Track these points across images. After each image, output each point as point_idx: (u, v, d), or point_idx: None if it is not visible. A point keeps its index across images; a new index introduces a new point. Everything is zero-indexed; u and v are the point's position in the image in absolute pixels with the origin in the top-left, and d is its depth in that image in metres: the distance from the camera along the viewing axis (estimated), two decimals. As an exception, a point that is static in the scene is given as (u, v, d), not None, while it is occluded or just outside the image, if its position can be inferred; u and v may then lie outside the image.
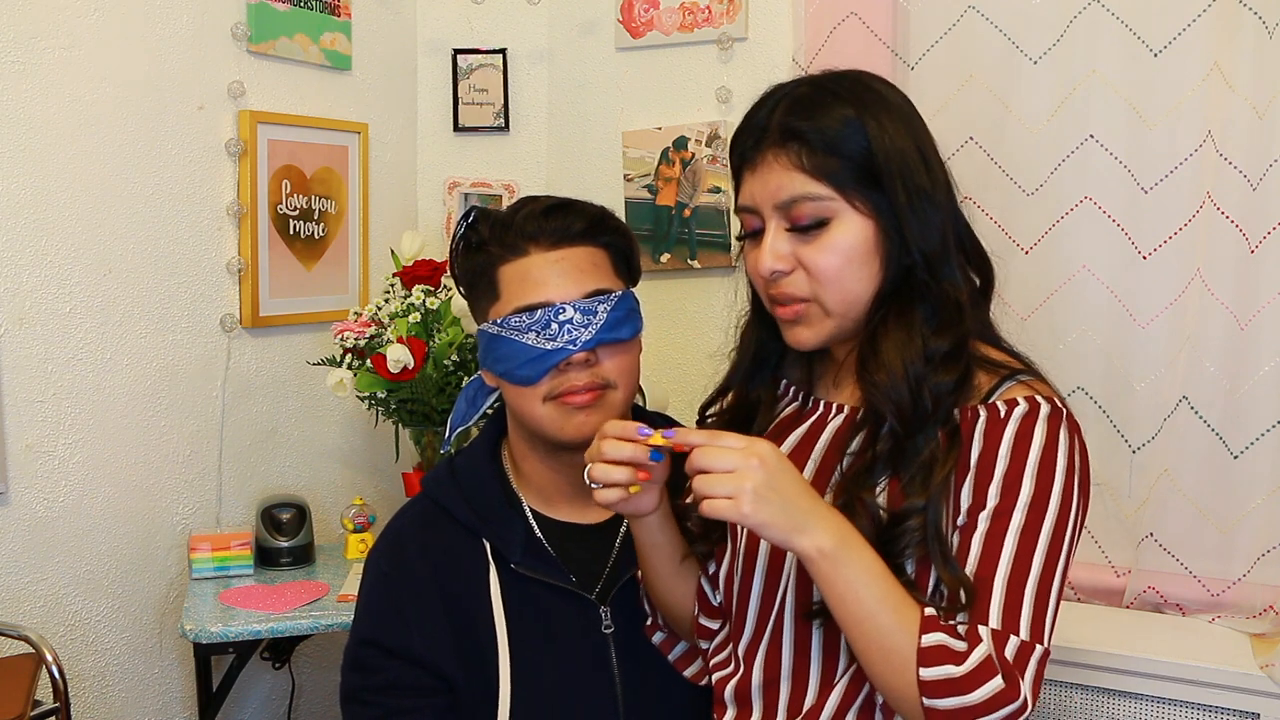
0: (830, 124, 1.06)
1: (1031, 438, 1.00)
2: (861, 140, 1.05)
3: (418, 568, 1.29)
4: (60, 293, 1.93)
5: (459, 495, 1.31)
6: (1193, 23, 1.81)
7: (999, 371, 1.06)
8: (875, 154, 1.05)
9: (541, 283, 1.25)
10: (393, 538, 1.34)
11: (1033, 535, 0.98)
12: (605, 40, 2.42)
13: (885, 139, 1.05)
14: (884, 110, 1.08)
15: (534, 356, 1.23)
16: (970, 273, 1.13)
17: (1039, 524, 0.98)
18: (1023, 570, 0.97)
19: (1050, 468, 1.00)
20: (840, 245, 1.06)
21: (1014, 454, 1.00)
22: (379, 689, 1.26)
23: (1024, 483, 0.99)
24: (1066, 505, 0.99)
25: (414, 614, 1.26)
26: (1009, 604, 0.96)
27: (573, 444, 1.24)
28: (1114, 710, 1.74)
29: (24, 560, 1.91)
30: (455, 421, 1.41)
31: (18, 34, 1.84)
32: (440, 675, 1.25)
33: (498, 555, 1.28)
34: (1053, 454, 1.00)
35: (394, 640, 1.26)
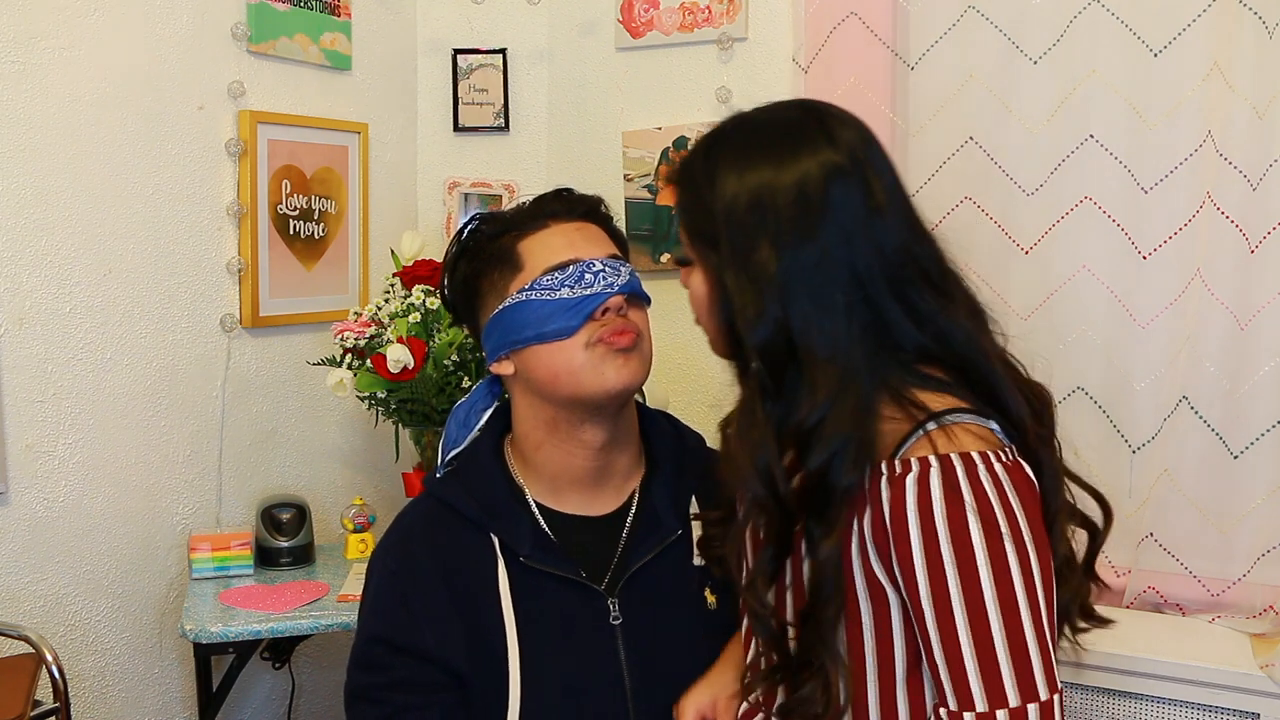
0: (693, 190, 1.05)
1: (932, 508, 0.94)
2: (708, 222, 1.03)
3: (425, 564, 1.29)
4: (60, 293, 1.93)
5: (464, 491, 1.32)
6: (1193, 23, 1.80)
7: (916, 417, 0.98)
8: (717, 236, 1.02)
9: (569, 244, 1.30)
10: (398, 536, 1.34)
11: (979, 610, 0.93)
12: (605, 40, 2.42)
13: (725, 230, 1.02)
14: (741, 189, 1.01)
15: (573, 304, 1.25)
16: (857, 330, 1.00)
17: (979, 597, 0.93)
18: (986, 643, 0.93)
19: (964, 536, 0.93)
20: (691, 289, 1.09)
21: (923, 531, 0.94)
22: (387, 686, 1.26)
23: (945, 562, 0.94)
24: (1001, 563, 0.93)
25: (423, 610, 1.27)
26: (987, 680, 0.93)
27: (610, 393, 1.25)
28: (1114, 710, 1.74)
29: (24, 560, 1.91)
30: (447, 444, 1.39)
31: (18, 34, 1.84)
32: (450, 671, 1.25)
33: (505, 549, 1.28)
34: (960, 520, 0.93)
35: (403, 637, 1.26)
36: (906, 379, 1.01)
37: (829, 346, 0.99)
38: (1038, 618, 0.94)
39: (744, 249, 1.01)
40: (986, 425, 1.00)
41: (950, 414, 0.99)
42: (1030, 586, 0.94)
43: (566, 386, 1.26)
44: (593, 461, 1.31)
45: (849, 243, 1.00)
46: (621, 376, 1.25)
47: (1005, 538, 0.94)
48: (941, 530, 0.94)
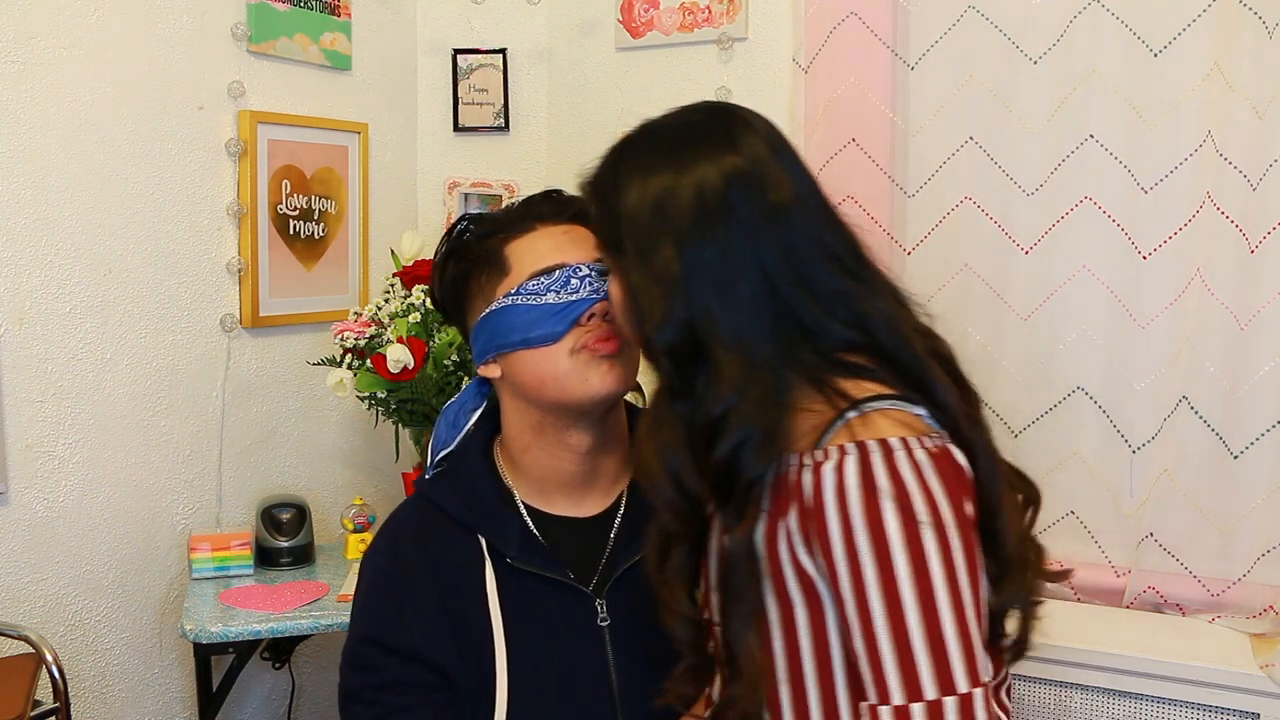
0: (603, 200, 1.09)
1: (847, 497, 0.94)
2: (616, 230, 1.06)
3: (414, 565, 1.29)
4: (60, 293, 1.93)
5: (453, 493, 1.32)
6: (1193, 23, 1.81)
7: (839, 405, 0.98)
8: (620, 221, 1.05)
9: (556, 249, 1.29)
10: (388, 537, 1.34)
11: (895, 600, 0.92)
12: (605, 40, 2.42)
13: (630, 237, 1.04)
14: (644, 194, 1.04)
15: (558, 310, 1.24)
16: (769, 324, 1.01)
17: (895, 588, 0.92)
18: (903, 634, 0.91)
19: (879, 525, 0.92)
20: (611, 296, 1.12)
21: (840, 520, 0.94)
22: (379, 687, 1.26)
23: (861, 552, 0.93)
24: (918, 553, 0.92)
25: (412, 611, 1.27)
26: (905, 672, 0.91)
27: (595, 399, 1.24)
28: (1114, 710, 1.74)
29: (24, 560, 1.91)
30: (436, 446, 1.39)
31: (18, 34, 1.84)
32: (440, 671, 1.25)
33: (493, 551, 1.28)
34: (875, 509, 0.92)
35: (393, 638, 1.26)
36: (830, 369, 1.01)
37: (733, 339, 0.99)
38: (959, 609, 0.92)
39: (647, 252, 1.02)
40: (912, 411, 0.99)
41: (872, 401, 0.98)
42: (951, 577, 0.92)
43: (552, 392, 1.26)
44: (580, 465, 1.31)
45: (753, 240, 1.01)
46: (606, 383, 1.24)
47: (924, 526, 0.92)
48: (857, 519, 0.93)
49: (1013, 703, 1.16)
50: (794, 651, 1.01)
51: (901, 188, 2.06)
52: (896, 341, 1.03)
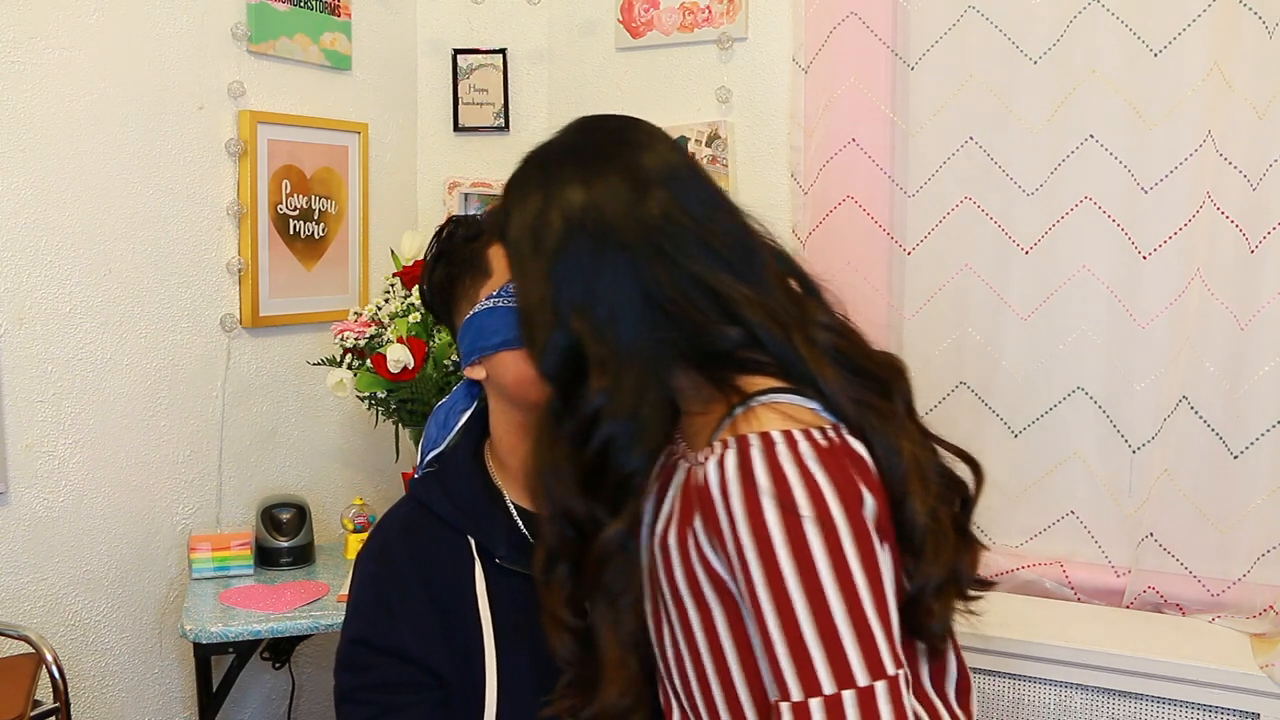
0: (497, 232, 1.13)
1: (728, 491, 0.93)
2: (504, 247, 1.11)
3: (404, 566, 1.30)
4: (60, 293, 1.93)
5: (442, 494, 1.33)
6: (1193, 23, 1.81)
7: (731, 401, 0.99)
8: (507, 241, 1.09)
9: None
10: (380, 539, 1.35)
11: (783, 594, 0.91)
12: (605, 40, 2.42)
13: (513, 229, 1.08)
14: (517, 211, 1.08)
15: None
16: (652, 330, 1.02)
17: (781, 582, 0.91)
18: (794, 629, 0.91)
19: (759, 518, 0.92)
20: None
21: (727, 515, 0.93)
22: (371, 687, 1.27)
23: (745, 547, 0.92)
24: (801, 546, 0.91)
25: (402, 611, 1.27)
26: (800, 668, 0.90)
27: None
28: (1114, 710, 1.74)
29: (24, 560, 1.91)
30: (426, 446, 1.40)
31: (18, 34, 1.84)
32: (431, 671, 1.26)
33: (483, 551, 1.29)
34: (755, 502, 0.92)
35: (384, 638, 1.27)
36: (730, 366, 1.01)
37: (605, 349, 1.01)
38: (852, 601, 0.91)
39: (522, 277, 1.07)
40: (803, 404, 0.98)
41: (762, 394, 0.98)
42: (841, 569, 0.91)
43: (533, 392, 1.25)
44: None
45: (625, 254, 1.02)
46: None
47: (807, 520, 0.91)
48: (739, 515, 0.93)
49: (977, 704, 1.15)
50: (719, 654, 1.01)
51: (901, 188, 2.06)
52: (774, 338, 1.02)
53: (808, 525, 0.91)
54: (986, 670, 1.79)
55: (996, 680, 1.79)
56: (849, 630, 0.90)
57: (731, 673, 1.01)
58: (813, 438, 0.95)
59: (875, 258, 2.07)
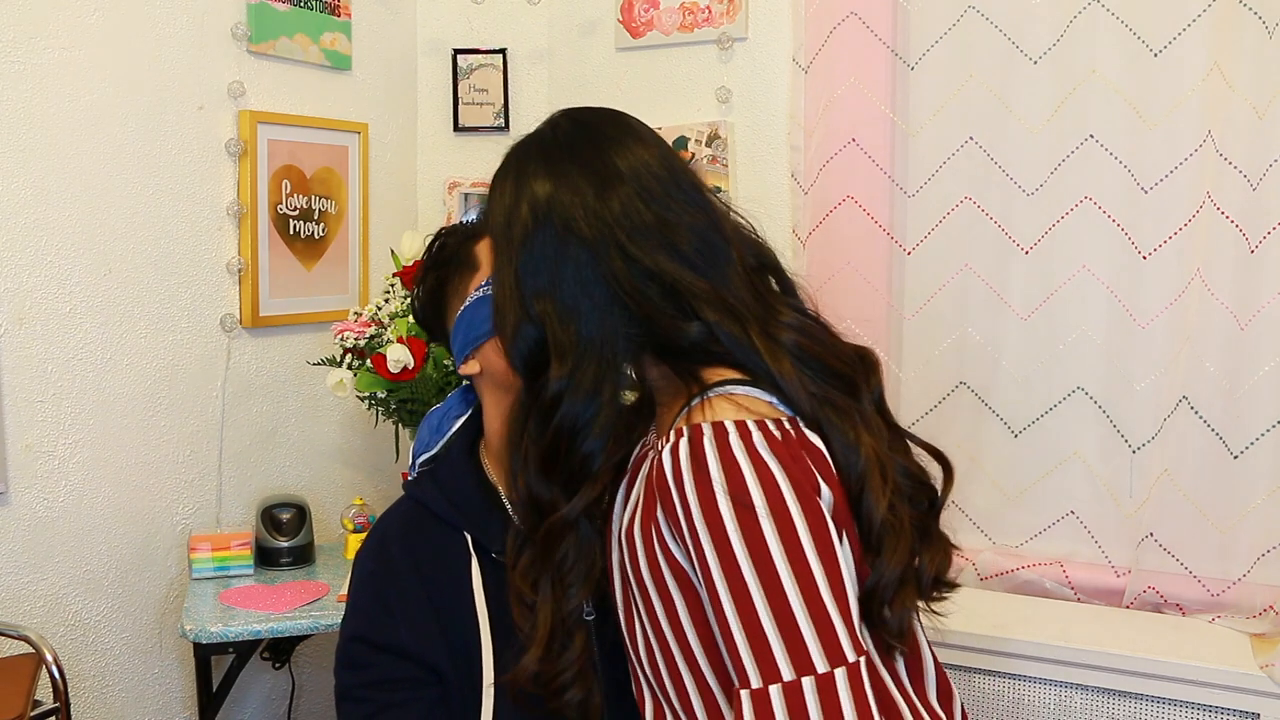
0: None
1: (682, 479, 0.95)
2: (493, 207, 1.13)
3: (402, 564, 1.30)
4: (60, 293, 1.93)
5: (438, 491, 1.34)
6: (1193, 23, 1.81)
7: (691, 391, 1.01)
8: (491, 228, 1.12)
9: None
10: (377, 537, 1.36)
11: (739, 582, 0.91)
12: (605, 40, 2.42)
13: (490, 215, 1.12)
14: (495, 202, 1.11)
15: None
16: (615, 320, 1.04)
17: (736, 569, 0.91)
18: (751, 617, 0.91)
19: (711, 505, 0.93)
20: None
21: (680, 503, 0.95)
22: (370, 684, 1.28)
23: (700, 535, 0.93)
24: (754, 534, 0.91)
25: (400, 608, 1.28)
26: (759, 655, 0.91)
27: None
28: (1114, 710, 1.74)
29: (24, 560, 1.91)
30: (418, 450, 1.41)
31: (18, 34, 1.84)
32: (429, 667, 1.27)
33: (479, 547, 1.30)
34: (707, 488, 0.93)
35: (382, 635, 1.28)
36: (694, 358, 1.03)
37: (569, 339, 1.03)
38: (809, 588, 0.91)
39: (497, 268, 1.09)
40: (761, 396, 1.00)
41: (720, 385, 0.99)
42: (797, 556, 0.91)
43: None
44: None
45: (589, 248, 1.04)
46: None
47: (758, 507, 0.92)
48: (692, 502, 0.94)
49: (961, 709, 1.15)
50: (685, 643, 1.02)
51: (901, 188, 2.06)
52: (729, 334, 1.03)
53: (761, 514, 0.92)
54: (986, 670, 1.79)
55: (996, 680, 1.79)
56: (805, 617, 0.90)
57: (699, 661, 1.02)
58: (766, 428, 0.96)
59: (875, 258, 2.07)
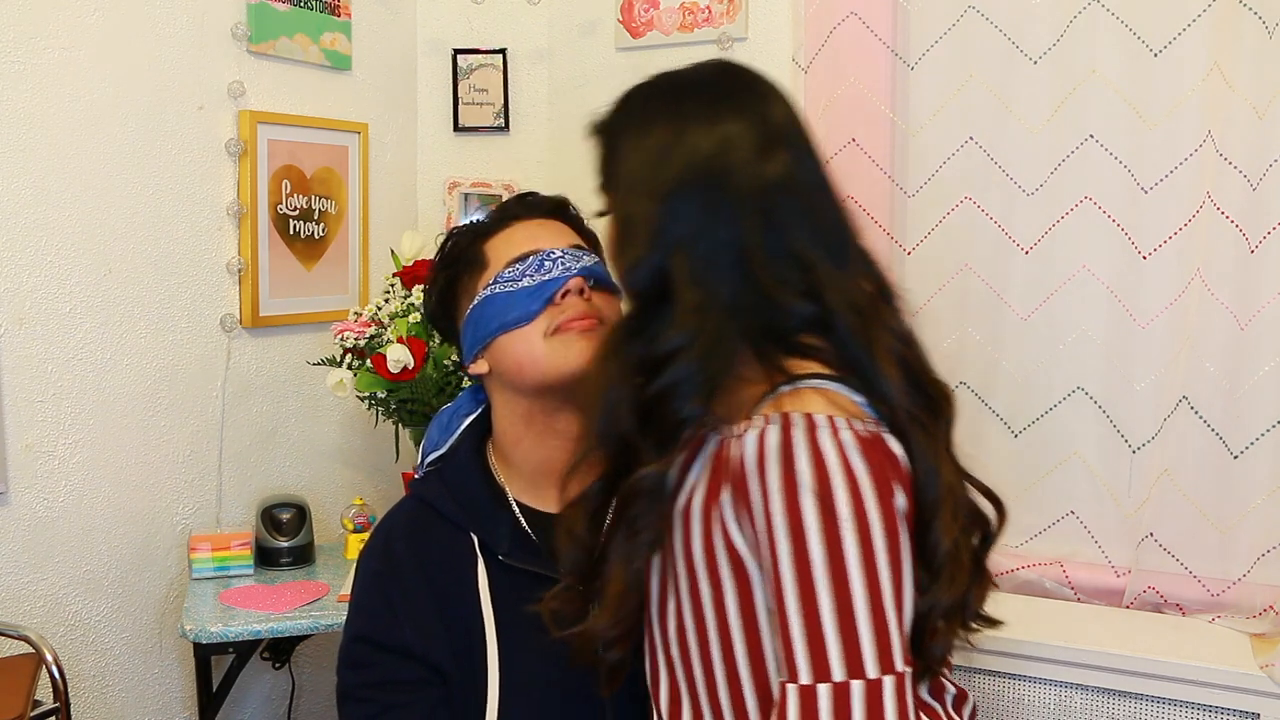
0: (602, 140, 1.14)
1: (765, 465, 0.94)
2: (611, 167, 1.11)
3: (407, 564, 1.30)
4: (60, 293, 1.93)
5: (445, 491, 1.33)
6: (1193, 23, 1.80)
7: (775, 379, 0.99)
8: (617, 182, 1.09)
9: (530, 238, 1.33)
10: (382, 537, 1.35)
11: (807, 576, 0.91)
12: (605, 40, 2.42)
13: (622, 175, 1.09)
14: (641, 141, 1.08)
15: (533, 289, 1.27)
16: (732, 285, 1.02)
17: (807, 563, 0.91)
18: (813, 612, 0.91)
19: (793, 495, 0.92)
20: (603, 236, 1.15)
21: (761, 488, 0.94)
22: (373, 684, 1.27)
23: (775, 523, 0.92)
24: (832, 529, 0.91)
25: (405, 608, 1.28)
26: (814, 651, 0.90)
27: (575, 376, 1.24)
28: (1114, 710, 1.74)
29: (24, 560, 1.91)
30: (428, 448, 1.41)
31: (18, 34, 1.84)
32: (433, 668, 1.26)
33: (485, 548, 1.29)
34: (791, 479, 0.92)
35: (386, 636, 1.27)
36: (779, 346, 1.02)
37: (696, 294, 1.00)
38: (874, 591, 0.91)
39: (634, 198, 1.05)
40: (851, 395, 0.99)
41: (809, 378, 0.99)
42: (868, 558, 0.91)
43: (531, 375, 1.27)
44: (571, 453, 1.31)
45: (734, 207, 1.02)
46: (584, 356, 1.24)
47: (839, 505, 0.91)
48: (774, 489, 0.93)
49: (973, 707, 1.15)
50: (724, 628, 1.02)
51: (901, 188, 2.06)
52: (850, 327, 1.02)
53: (842, 513, 0.91)
54: (986, 670, 1.79)
55: (996, 680, 1.79)
56: (867, 622, 0.90)
57: (735, 648, 1.01)
58: (854, 427, 0.95)
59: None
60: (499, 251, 1.33)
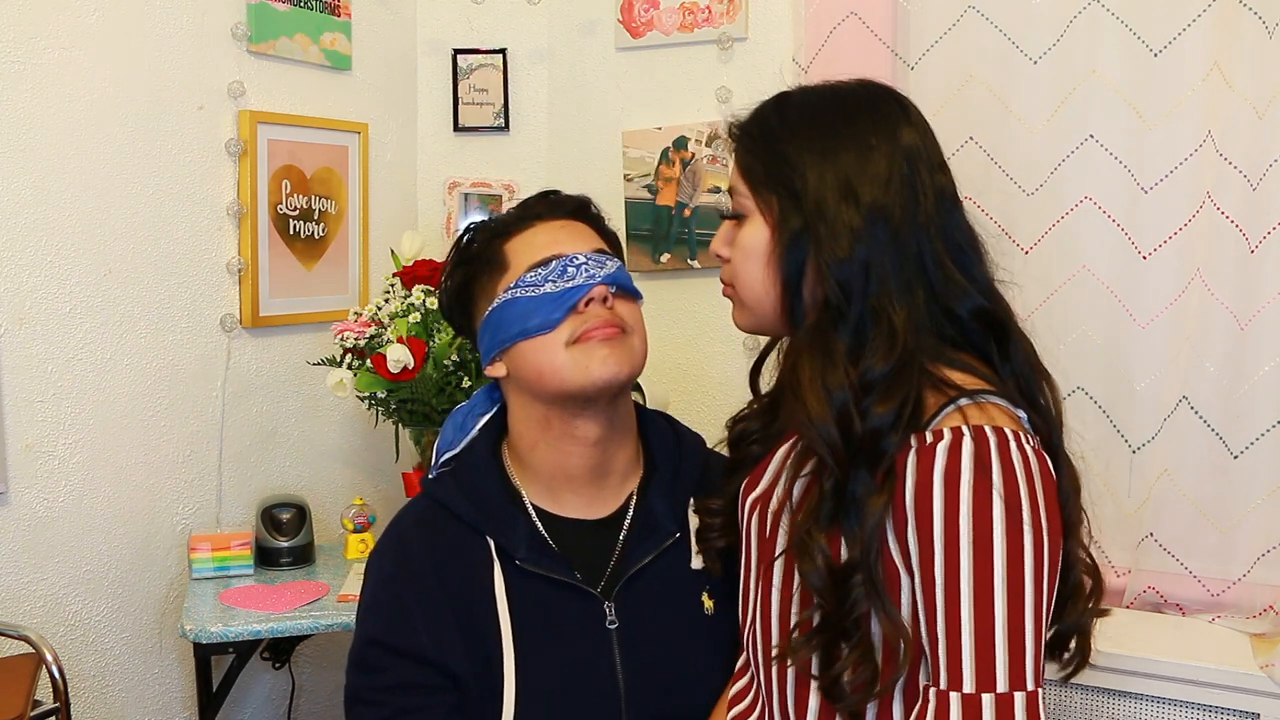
0: (767, 143, 1.10)
1: (960, 476, 0.95)
2: (785, 169, 1.07)
3: (422, 566, 1.28)
4: (60, 293, 1.93)
5: (460, 493, 1.31)
6: (1193, 23, 1.81)
7: (948, 394, 1.01)
8: (796, 184, 1.06)
9: (552, 242, 1.30)
10: (395, 538, 1.33)
11: (987, 587, 0.93)
12: (605, 40, 2.42)
13: (814, 178, 1.05)
14: (832, 145, 1.06)
15: (555, 296, 1.25)
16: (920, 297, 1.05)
17: (990, 575, 0.93)
18: (987, 623, 0.93)
19: (986, 510, 0.94)
20: (744, 242, 1.10)
21: (946, 498, 0.95)
22: (387, 689, 1.25)
23: (962, 533, 0.94)
24: (1016, 545, 0.93)
25: (420, 612, 1.26)
26: (980, 661, 0.93)
27: (597, 385, 1.24)
28: (1114, 710, 1.74)
29: (24, 560, 1.91)
30: (442, 447, 1.39)
31: (18, 34, 1.84)
32: (447, 673, 1.25)
33: (501, 552, 1.28)
34: (985, 493, 0.94)
35: (399, 640, 1.26)
36: (939, 360, 1.04)
37: (903, 306, 1.02)
38: (1040, 609, 0.94)
39: (833, 200, 1.04)
40: (1015, 411, 1.02)
41: (983, 393, 1.01)
42: (1039, 576, 0.94)
43: (552, 383, 1.26)
44: (588, 459, 1.30)
45: (923, 219, 1.05)
46: (608, 368, 1.23)
47: (1025, 520, 0.94)
48: (965, 499, 0.94)
49: None
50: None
51: (901, 188, 2.06)
52: (1023, 345, 1.07)
53: (1026, 526, 0.94)
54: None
55: (996, 680, 1.79)
56: (1032, 636, 0.94)
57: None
58: (1030, 444, 0.98)
59: (875, 258, 2.07)
60: (520, 254, 1.30)
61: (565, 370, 1.24)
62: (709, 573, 1.29)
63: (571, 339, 1.24)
